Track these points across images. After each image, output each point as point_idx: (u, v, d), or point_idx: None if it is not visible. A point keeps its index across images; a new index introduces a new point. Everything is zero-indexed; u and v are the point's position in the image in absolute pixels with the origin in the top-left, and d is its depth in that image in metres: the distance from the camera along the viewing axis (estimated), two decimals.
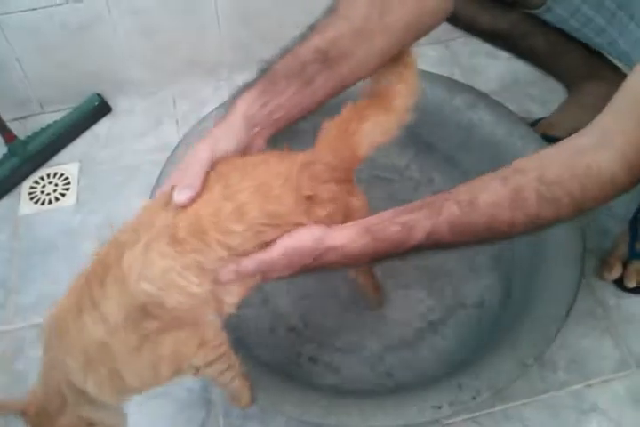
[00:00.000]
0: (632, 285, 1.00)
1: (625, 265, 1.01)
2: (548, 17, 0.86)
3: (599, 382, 0.93)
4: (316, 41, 0.69)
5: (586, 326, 0.98)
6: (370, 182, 1.09)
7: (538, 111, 1.24)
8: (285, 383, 0.79)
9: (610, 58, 0.99)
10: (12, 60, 1.19)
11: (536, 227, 0.64)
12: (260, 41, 1.29)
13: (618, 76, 1.01)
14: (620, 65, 0.99)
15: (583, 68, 1.03)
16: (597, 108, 1.05)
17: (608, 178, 0.60)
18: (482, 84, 0.92)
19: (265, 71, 0.71)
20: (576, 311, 0.82)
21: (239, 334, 0.90)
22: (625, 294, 1.01)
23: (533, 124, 1.16)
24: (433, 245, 0.65)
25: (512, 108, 1.01)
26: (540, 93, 1.29)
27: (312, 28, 0.71)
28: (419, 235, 0.64)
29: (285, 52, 0.71)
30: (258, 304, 0.97)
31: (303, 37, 0.70)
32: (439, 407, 0.75)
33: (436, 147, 1.07)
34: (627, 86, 0.62)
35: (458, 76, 1.19)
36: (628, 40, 0.81)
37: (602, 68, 1.00)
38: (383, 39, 0.71)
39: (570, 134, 1.09)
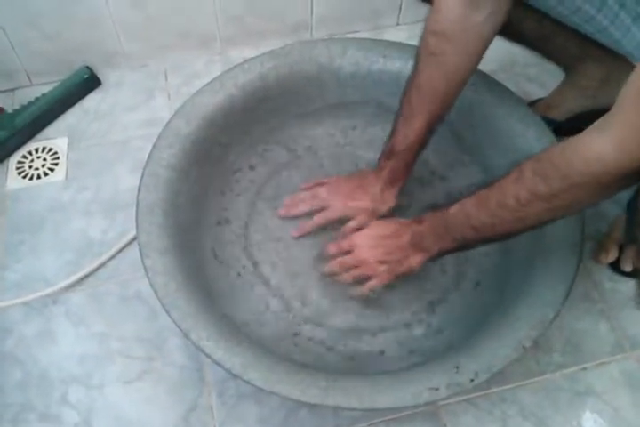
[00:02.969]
0: (628, 268, 1.00)
1: (621, 248, 1.01)
2: (535, 3, 0.85)
3: (594, 364, 0.93)
4: (427, 117, 0.87)
5: (581, 309, 0.98)
6: (370, 162, 1.08)
7: (536, 92, 1.22)
8: (283, 363, 0.78)
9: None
10: None
11: (543, 207, 0.68)
12: (254, 15, 1.26)
13: (613, 58, 1.00)
14: None
15: (577, 50, 1.01)
16: (594, 90, 1.05)
17: (595, 153, 0.62)
18: (480, 64, 0.92)
19: (391, 147, 0.92)
20: (572, 294, 0.81)
21: (234, 313, 0.89)
22: (621, 278, 1.01)
23: (531, 104, 1.14)
24: (464, 218, 0.75)
25: (510, 88, 0.99)
26: (538, 74, 1.27)
27: (419, 89, 0.86)
28: (453, 205, 0.77)
29: (400, 117, 0.89)
30: (253, 283, 0.96)
31: (413, 107, 0.87)
32: (436, 389, 0.74)
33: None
34: (631, 79, 0.62)
35: None
36: (619, 28, 0.80)
37: (597, 49, 0.99)
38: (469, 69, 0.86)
39: (567, 116, 1.10)
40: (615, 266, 1.01)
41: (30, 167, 1.16)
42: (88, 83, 1.25)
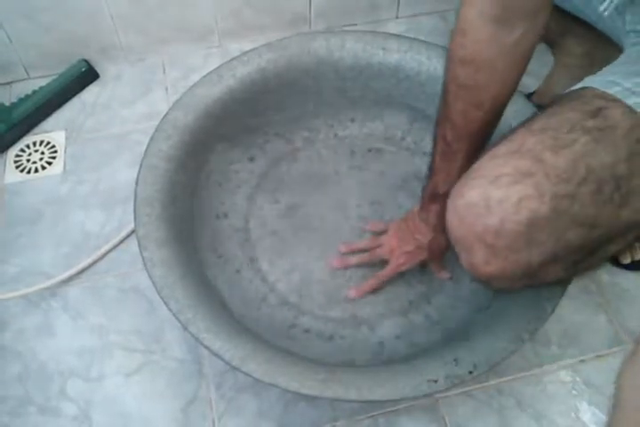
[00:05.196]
0: (626, 261, 1.00)
1: None
2: None
3: (592, 357, 0.93)
4: (466, 154, 0.78)
5: (579, 301, 0.98)
6: (366, 154, 1.08)
7: (532, 85, 1.22)
8: (282, 355, 0.78)
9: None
10: None
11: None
12: (252, 8, 1.25)
13: (594, 34, 0.99)
14: None
15: (557, 26, 1.01)
16: (579, 69, 1.04)
17: None
18: None
19: (434, 188, 0.84)
20: (570, 287, 0.81)
21: (231, 305, 0.89)
22: (619, 271, 1.01)
23: (527, 97, 1.14)
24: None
25: None
26: (534, 67, 1.26)
27: (453, 125, 0.77)
28: None
29: (437, 155, 0.81)
30: (251, 277, 0.96)
31: (449, 143, 0.78)
32: (435, 381, 0.74)
33: (432, 118, 1.05)
34: None
35: None
36: (594, 11, 0.82)
37: (577, 24, 0.98)
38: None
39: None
40: (613, 259, 1.01)
41: (28, 161, 1.15)
42: (86, 76, 1.25)
